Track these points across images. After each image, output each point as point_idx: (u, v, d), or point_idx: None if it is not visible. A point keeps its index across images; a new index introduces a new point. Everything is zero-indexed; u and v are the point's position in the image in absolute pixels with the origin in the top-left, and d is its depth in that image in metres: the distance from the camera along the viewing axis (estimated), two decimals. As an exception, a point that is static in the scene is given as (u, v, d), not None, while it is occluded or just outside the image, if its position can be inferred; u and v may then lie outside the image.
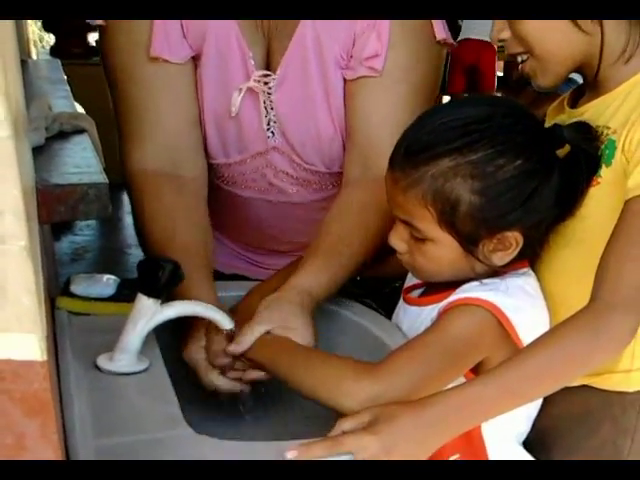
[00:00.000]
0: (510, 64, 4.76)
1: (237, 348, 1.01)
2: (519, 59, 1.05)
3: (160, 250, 1.14)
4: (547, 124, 1.08)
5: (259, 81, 1.25)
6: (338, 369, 0.94)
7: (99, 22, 1.24)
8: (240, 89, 1.25)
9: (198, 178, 1.27)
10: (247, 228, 1.44)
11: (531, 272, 1.05)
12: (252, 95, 1.26)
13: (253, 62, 1.25)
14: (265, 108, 1.27)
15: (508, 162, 0.96)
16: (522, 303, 0.99)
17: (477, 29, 4.87)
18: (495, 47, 4.86)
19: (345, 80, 1.25)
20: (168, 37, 1.22)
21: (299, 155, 1.31)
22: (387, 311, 1.21)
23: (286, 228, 1.41)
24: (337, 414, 0.89)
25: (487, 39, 4.55)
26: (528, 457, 1.04)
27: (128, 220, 4.30)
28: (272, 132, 1.29)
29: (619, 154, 0.97)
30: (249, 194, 1.37)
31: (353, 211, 1.19)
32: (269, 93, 1.26)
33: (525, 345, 0.97)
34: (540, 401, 1.04)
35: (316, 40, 1.22)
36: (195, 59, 1.26)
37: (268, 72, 1.25)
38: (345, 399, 0.90)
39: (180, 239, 1.15)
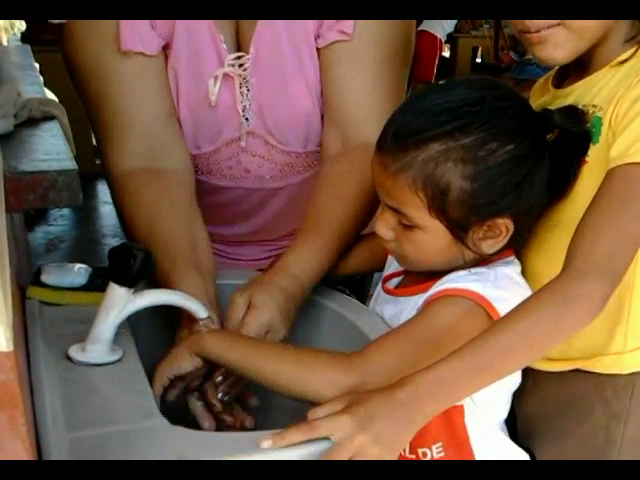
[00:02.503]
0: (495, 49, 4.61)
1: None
2: (543, 32, 0.97)
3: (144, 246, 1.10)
4: (531, 104, 1.05)
5: (233, 65, 1.23)
6: (314, 359, 0.92)
7: (60, 20, 1.20)
8: (216, 76, 1.23)
9: (181, 169, 1.24)
10: (230, 220, 1.42)
11: (517, 260, 1.03)
12: (227, 80, 1.24)
13: (225, 46, 1.23)
14: (241, 93, 1.25)
15: (500, 146, 0.93)
16: (510, 294, 0.96)
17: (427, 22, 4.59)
18: (437, 37, 4.52)
19: (319, 51, 1.23)
20: (137, 29, 1.19)
21: (274, 136, 1.29)
22: (358, 298, 1.21)
23: (269, 215, 1.40)
24: (311, 404, 0.87)
25: (431, 30, 4.39)
26: (510, 444, 1.04)
27: (103, 210, 4.27)
28: (246, 118, 1.27)
29: (605, 130, 0.95)
30: (225, 183, 1.35)
31: (330, 184, 1.18)
32: (244, 77, 1.24)
33: None
34: (517, 382, 1.02)
35: None
36: (165, 49, 1.24)
37: (241, 53, 1.23)
38: (324, 387, 0.88)
39: (161, 232, 1.11)
